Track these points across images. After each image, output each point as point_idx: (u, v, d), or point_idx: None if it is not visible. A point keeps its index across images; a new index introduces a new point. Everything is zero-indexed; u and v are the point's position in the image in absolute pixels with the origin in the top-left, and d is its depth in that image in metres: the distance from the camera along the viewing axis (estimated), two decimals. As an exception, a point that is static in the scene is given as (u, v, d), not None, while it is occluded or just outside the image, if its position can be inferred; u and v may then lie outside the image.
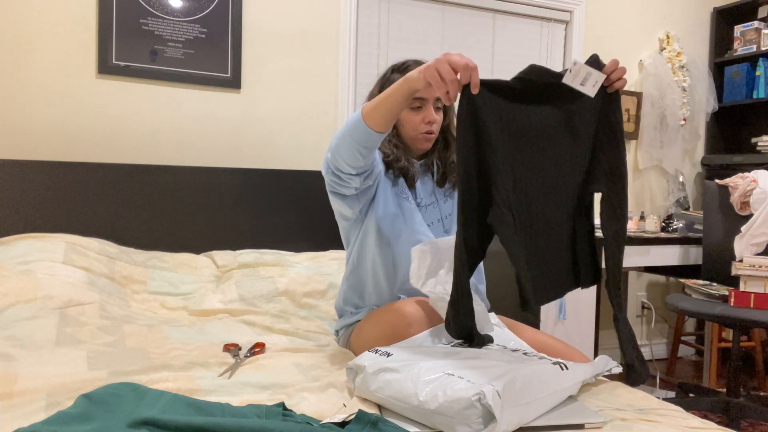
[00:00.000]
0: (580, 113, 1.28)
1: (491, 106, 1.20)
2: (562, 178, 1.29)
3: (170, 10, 2.38)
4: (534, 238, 1.26)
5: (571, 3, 3.22)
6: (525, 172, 1.24)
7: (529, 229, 1.25)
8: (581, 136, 1.29)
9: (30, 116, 2.22)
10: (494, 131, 1.20)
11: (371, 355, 1.19)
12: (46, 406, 1.08)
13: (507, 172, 1.21)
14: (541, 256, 1.27)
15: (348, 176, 1.44)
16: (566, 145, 1.28)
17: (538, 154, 1.25)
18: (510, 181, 1.21)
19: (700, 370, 3.34)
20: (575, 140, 1.28)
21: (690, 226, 3.06)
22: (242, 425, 0.88)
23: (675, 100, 3.38)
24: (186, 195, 2.31)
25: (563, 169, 1.28)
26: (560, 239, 1.31)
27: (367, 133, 1.33)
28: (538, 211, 1.27)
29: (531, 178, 1.25)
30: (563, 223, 1.31)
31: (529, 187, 1.25)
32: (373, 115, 1.32)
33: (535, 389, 1.06)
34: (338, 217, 1.65)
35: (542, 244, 1.28)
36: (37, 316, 1.59)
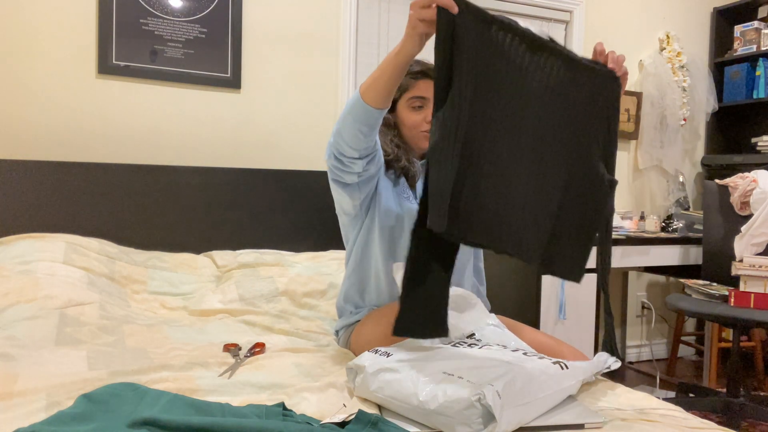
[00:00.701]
0: (575, 90, 1.22)
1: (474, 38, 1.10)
2: (546, 146, 1.20)
3: (170, 10, 2.38)
4: (498, 183, 1.15)
5: (571, 3, 3.22)
6: (496, 116, 1.14)
7: (486, 166, 1.14)
8: (574, 115, 1.22)
9: (30, 116, 2.22)
10: (469, 63, 1.10)
11: (371, 355, 1.19)
12: (46, 406, 1.08)
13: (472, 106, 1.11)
14: (504, 205, 1.16)
15: (350, 160, 1.43)
16: (552, 117, 1.20)
17: (518, 112, 1.16)
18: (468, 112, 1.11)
19: (700, 370, 3.34)
20: (566, 116, 1.22)
21: (690, 226, 3.06)
22: (242, 425, 0.88)
23: (675, 100, 3.38)
24: (186, 195, 2.31)
25: (546, 139, 1.20)
26: (539, 209, 1.20)
27: (366, 110, 1.31)
28: (501, 157, 1.15)
29: (502, 123, 1.15)
30: (548, 194, 1.21)
31: (498, 131, 1.15)
32: (370, 91, 1.30)
33: (535, 389, 1.06)
34: (339, 212, 1.64)
35: (504, 196, 1.16)
36: (37, 316, 1.59)
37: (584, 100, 1.23)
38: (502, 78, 1.14)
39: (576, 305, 2.58)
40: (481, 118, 1.13)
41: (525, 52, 1.16)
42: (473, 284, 1.70)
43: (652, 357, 3.55)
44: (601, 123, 1.26)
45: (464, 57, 1.10)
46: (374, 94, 1.29)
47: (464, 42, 1.09)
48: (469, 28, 1.10)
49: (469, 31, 1.10)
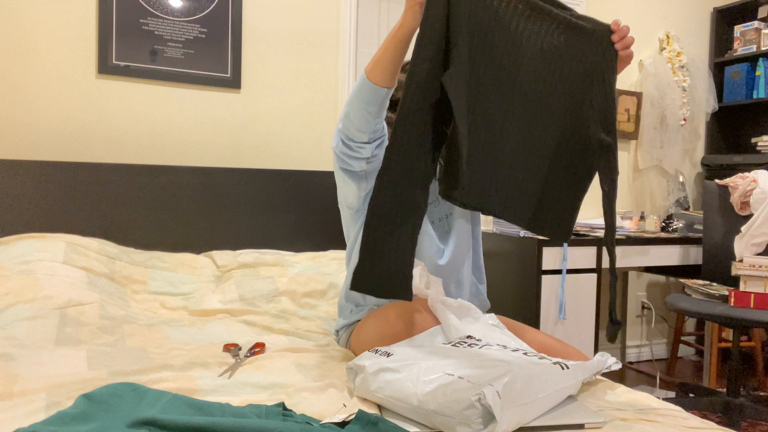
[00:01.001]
0: (570, 53, 1.23)
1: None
2: (540, 110, 1.21)
3: (170, 10, 2.38)
4: (489, 145, 1.17)
5: (571, 3, 3.22)
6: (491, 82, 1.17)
7: (484, 133, 1.16)
8: (568, 78, 1.23)
9: (30, 116, 2.22)
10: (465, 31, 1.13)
11: (371, 355, 1.19)
12: (46, 406, 1.08)
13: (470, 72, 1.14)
14: (493, 167, 1.17)
15: (359, 145, 1.42)
16: (547, 85, 1.22)
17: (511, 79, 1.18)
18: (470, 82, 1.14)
19: (700, 370, 3.34)
20: (560, 79, 1.23)
21: (690, 226, 3.06)
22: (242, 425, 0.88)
23: (675, 100, 3.38)
24: (186, 195, 2.31)
25: (538, 105, 1.21)
26: (528, 170, 1.22)
27: (373, 90, 1.32)
28: (493, 119, 1.17)
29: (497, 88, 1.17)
30: (537, 156, 1.22)
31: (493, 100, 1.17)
32: (375, 70, 1.30)
33: (535, 389, 1.06)
34: (342, 205, 1.63)
35: (500, 159, 1.18)
36: (37, 316, 1.59)
37: (579, 63, 1.24)
38: (495, 40, 1.16)
39: (576, 305, 2.58)
40: (475, 78, 1.14)
41: (520, 16, 1.17)
42: (472, 282, 1.69)
43: (652, 357, 3.55)
44: (598, 87, 1.25)
45: (460, 19, 1.12)
46: (379, 72, 1.30)
47: (459, 4, 1.12)
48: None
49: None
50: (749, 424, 2.47)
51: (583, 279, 2.60)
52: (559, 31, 1.21)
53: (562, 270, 2.53)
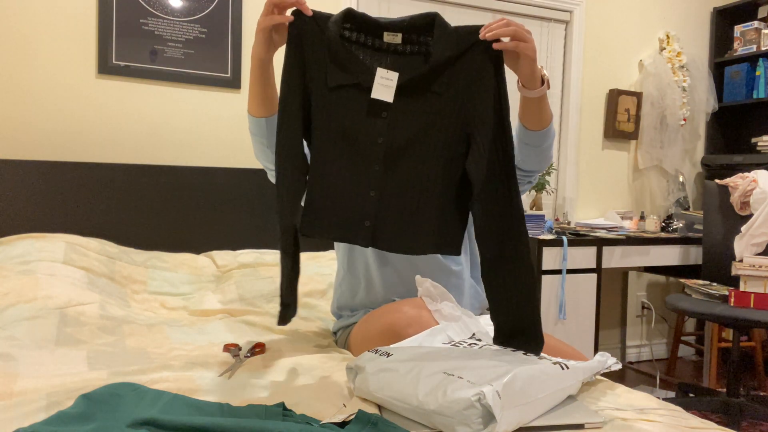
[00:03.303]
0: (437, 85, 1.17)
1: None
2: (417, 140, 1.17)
3: (170, 10, 2.38)
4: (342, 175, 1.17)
5: (571, 3, 3.22)
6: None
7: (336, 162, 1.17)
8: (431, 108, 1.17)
9: (30, 116, 2.22)
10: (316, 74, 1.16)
11: (371, 355, 1.19)
12: (46, 406, 1.08)
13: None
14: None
15: (272, 174, 1.49)
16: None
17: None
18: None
19: (700, 370, 3.34)
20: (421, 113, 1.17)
21: (690, 226, 3.06)
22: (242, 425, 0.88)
23: (675, 100, 3.38)
24: (186, 195, 2.31)
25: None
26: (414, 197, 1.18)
27: (254, 121, 1.37)
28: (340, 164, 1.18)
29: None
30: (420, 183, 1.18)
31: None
32: (249, 101, 1.36)
33: (535, 389, 1.06)
34: None
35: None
36: (37, 316, 1.59)
37: (446, 90, 1.17)
38: (348, 93, 1.17)
39: (576, 305, 2.58)
40: (326, 130, 1.18)
41: (373, 55, 1.17)
42: (471, 284, 1.69)
43: (652, 357, 3.55)
44: (483, 105, 1.16)
45: (309, 62, 1.16)
46: (252, 103, 1.35)
47: (310, 51, 1.16)
48: (311, 35, 1.16)
49: (313, 38, 1.16)
50: (749, 424, 2.47)
51: (583, 279, 2.60)
52: (425, 63, 1.17)
53: (562, 270, 2.53)
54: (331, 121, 1.18)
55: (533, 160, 1.45)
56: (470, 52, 1.16)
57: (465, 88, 1.16)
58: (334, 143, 1.18)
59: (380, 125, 1.16)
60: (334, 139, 1.18)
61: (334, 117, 1.17)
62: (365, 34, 1.17)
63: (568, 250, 2.54)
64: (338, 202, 1.18)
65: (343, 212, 1.18)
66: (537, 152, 1.42)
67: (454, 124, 1.17)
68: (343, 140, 1.18)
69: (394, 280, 1.59)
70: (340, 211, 1.18)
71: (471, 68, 1.16)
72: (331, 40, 1.15)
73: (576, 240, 2.58)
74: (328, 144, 1.18)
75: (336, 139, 1.18)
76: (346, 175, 1.18)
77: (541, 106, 1.33)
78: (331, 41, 1.15)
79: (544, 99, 1.32)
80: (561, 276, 2.52)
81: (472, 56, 1.16)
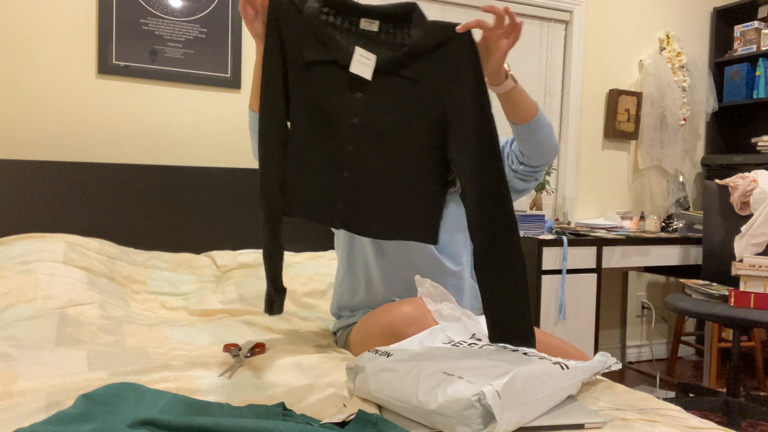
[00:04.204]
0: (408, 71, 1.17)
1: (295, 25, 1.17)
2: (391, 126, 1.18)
3: (170, 10, 2.38)
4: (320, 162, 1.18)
5: (571, 3, 3.22)
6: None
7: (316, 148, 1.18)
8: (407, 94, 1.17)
9: (30, 116, 2.22)
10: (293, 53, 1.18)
11: (371, 355, 1.19)
12: (46, 406, 1.08)
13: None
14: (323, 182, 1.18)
15: None
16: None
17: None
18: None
19: (700, 370, 3.34)
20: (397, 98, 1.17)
21: (690, 226, 3.06)
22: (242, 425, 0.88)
23: (675, 100, 3.38)
24: (186, 195, 2.31)
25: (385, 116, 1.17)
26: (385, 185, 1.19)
27: (252, 117, 1.41)
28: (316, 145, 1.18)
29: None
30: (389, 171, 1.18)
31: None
32: (251, 97, 1.40)
33: (535, 389, 1.06)
34: None
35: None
36: (37, 316, 1.59)
37: (420, 77, 1.17)
38: (325, 70, 1.16)
39: (576, 305, 2.58)
40: (303, 108, 1.18)
41: (350, 39, 1.17)
42: (471, 285, 1.69)
43: (652, 357, 3.55)
44: (463, 97, 1.16)
45: (288, 46, 1.17)
46: (253, 98, 1.38)
47: (288, 32, 1.17)
48: (287, 16, 1.17)
49: (292, 23, 1.17)
50: (749, 424, 2.47)
51: (583, 279, 2.60)
52: (399, 52, 1.17)
53: (562, 270, 2.53)
54: (307, 98, 1.17)
55: (534, 154, 1.46)
56: (448, 44, 1.16)
57: (443, 79, 1.16)
58: (310, 121, 1.18)
59: (355, 105, 1.16)
60: (309, 117, 1.18)
61: (310, 93, 1.17)
62: (342, 18, 1.17)
63: (568, 250, 2.54)
64: (312, 182, 1.18)
65: (316, 192, 1.18)
66: (532, 145, 1.44)
67: (431, 114, 1.17)
68: (318, 118, 1.17)
69: (393, 280, 1.59)
70: (314, 191, 1.18)
71: (449, 60, 1.16)
72: (308, 17, 1.15)
73: (576, 240, 2.58)
74: (303, 122, 1.18)
75: (311, 116, 1.18)
76: (320, 153, 1.18)
77: (516, 100, 1.34)
78: (308, 18, 1.16)
79: (517, 92, 1.33)
80: (561, 276, 2.52)
81: (450, 48, 1.16)
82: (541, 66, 3.23)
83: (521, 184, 1.57)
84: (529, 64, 3.20)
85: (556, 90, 3.29)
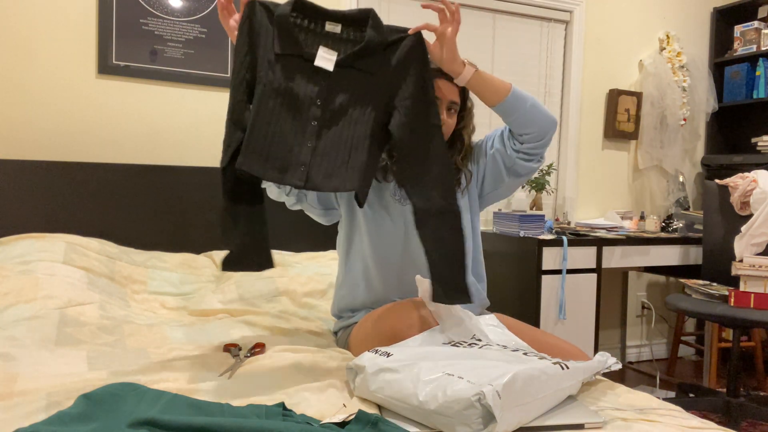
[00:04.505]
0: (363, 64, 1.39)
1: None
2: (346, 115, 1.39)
3: (170, 10, 2.38)
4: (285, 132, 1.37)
5: (571, 3, 3.22)
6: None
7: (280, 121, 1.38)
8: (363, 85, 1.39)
9: (30, 116, 2.23)
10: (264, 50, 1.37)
11: (371, 356, 1.19)
12: (46, 406, 1.08)
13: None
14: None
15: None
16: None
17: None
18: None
19: (700, 370, 3.35)
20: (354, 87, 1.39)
21: (690, 226, 3.06)
22: (242, 425, 0.88)
23: (675, 100, 3.38)
24: (186, 195, 2.31)
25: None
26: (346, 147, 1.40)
27: None
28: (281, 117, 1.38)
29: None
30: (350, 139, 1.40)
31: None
32: None
33: (535, 389, 1.06)
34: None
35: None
36: (37, 316, 1.59)
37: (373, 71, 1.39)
38: (293, 62, 1.37)
39: (576, 305, 2.58)
40: (273, 92, 1.37)
41: (314, 39, 1.38)
42: (472, 282, 1.69)
43: (652, 357, 3.55)
44: (409, 86, 1.39)
45: (260, 38, 1.37)
46: None
47: (260, 30, 1.37)
48: (260, 16, 1.37)
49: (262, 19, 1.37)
50: (749, 424, 2.47)
51: (583, 279, 2.60)
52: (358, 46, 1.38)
53: (562, 270, 2.53)
54: (276, 81, 1.37)
55: (523, 126, 1.52)
56: (399, 43, 1.40)
57: (393, 71, 1.39)
58: (278, 99, 1.38)
59: (319, 90, 1.38)
60: (277, 96, 1.38)
61: (280, 78, 1.37)
62: (309, 21, 1.38)
63: (568, 250, 2.54)
64: (279, 149, 1.38)
65: (282, 158, 1.38)
66: (518, 119, 1.51)
67: (381, 98, 1.40)
68: (285, 98, 1.38)
69: (393, 281, 1.59)
70: (280, 156, 1.38)
71: (399, 56, 1.40)
72: (280, 19, 1.36)
73: (576, 240, 2.58)
74: (272, 99, 1.38)
75: (280, 96, 1.38)
76: (287, 127, 1.38)
77: (482, 84, 1.48)
78: (279, 20, 1.36)
79: (479, 77, 1.47)
80: (561, 276, 2.52)
81: (401, 47, 1.40)
82: (541, 66, 3.23)
83: (525, 165, 1.58)
84: (529, 64, 3.20)
85: (556, 90, 3.29)
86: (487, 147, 1.64)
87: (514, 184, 1.65)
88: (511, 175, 1.61)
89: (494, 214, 2.80)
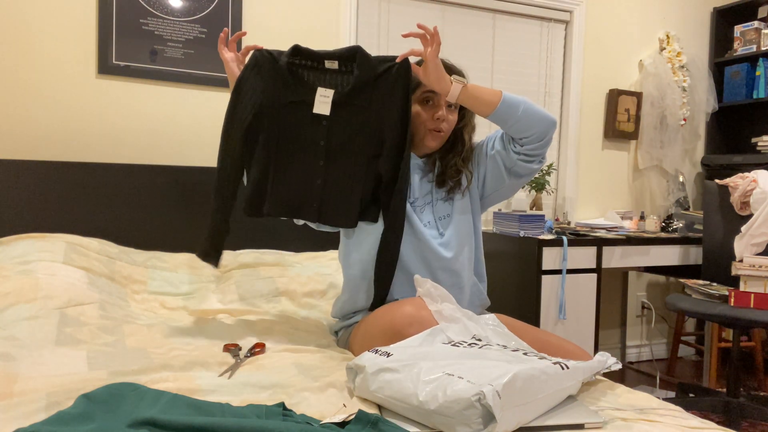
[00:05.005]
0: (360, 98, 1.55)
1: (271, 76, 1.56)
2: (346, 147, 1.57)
3: (170, 10, 2.38)
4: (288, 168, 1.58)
5: (571, 3, 3.22)
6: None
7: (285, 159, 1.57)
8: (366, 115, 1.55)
9: (30, 116, 2.23)
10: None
11: (371, 355, 1.19)
12: (46, 406, 1.08)
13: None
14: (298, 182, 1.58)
15: None
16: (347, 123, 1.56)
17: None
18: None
19: (700, 370, 3.35)
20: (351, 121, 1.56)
21: (690, 226, 3.06)
22: (242, 425, 0.88)
23: (675, 100, 3.38)
24: (186, 195, 2.31)
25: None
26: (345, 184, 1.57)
27: None
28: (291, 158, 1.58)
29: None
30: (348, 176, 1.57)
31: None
32: None
33: (535, 389, 1.06)
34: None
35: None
36: (37, 316, 1.59)
37: (367, 105, 1.55)
38: (299, 108, 1.55)
39: (576, 305, 2.58)
40: (280, 137, 1.57)
41: (314, 81, 1.55)
42: (474, 282, 1.70)
43: (652, 357, 3.55)
44: (393, 113, 1.54)
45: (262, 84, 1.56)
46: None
47: (268, 78, 1.55)
48: (265, 62, 1.55)
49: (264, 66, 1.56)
50: (749, 424, 2.47)
51: (583, 279, 2.60)
52: (350, 83, 1.54)
53: (562, 270, 2.53)
54: (284, 129, 1.55)
55: (521, 131, 1.53)
56: (388, 72, 1.53)
57: (382, 101, 1.54)
58: (287, 145, 1.56)
59: (321, 131, 1.55)
60: (287, 142, 1.55)
61: (287, 125, 1.55)
62: (310, 61, 1.55)
63: (568, 250, 2.54)
64: (292, 189, 1.56)
65: (296, 197, 1.56)
66: (514, 125, 1.53)
67: (374, 130, 1.55)
68: (294, 143, 1.56)
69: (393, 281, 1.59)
70: (294, 195, 1.57)
71: (387, 86, 1.54)
72: (286, 63, 1.53)
73: (576, 240, 2.58)
74: (282, 146, 1.55)
75: (288, 142, 1.56)
76: (298, 168, 1.56)
77: (472, 98, 1.52)
78: (286, 64, 1.53)
79: (468, 91, 1.52)
80: (561, 276, 2.52)
81: (389, 75, 1.53)
82: (541, 66, 3.23)
83: (526, 167, 1.58)
84: (529, 64, 3.20)
85: (556, 90, 3.29)
86: (488, 148, 1.64)
87: (516, 184, 1.65)
88: (512, 176, 1.61)
89: (494, 214, 2.80)
